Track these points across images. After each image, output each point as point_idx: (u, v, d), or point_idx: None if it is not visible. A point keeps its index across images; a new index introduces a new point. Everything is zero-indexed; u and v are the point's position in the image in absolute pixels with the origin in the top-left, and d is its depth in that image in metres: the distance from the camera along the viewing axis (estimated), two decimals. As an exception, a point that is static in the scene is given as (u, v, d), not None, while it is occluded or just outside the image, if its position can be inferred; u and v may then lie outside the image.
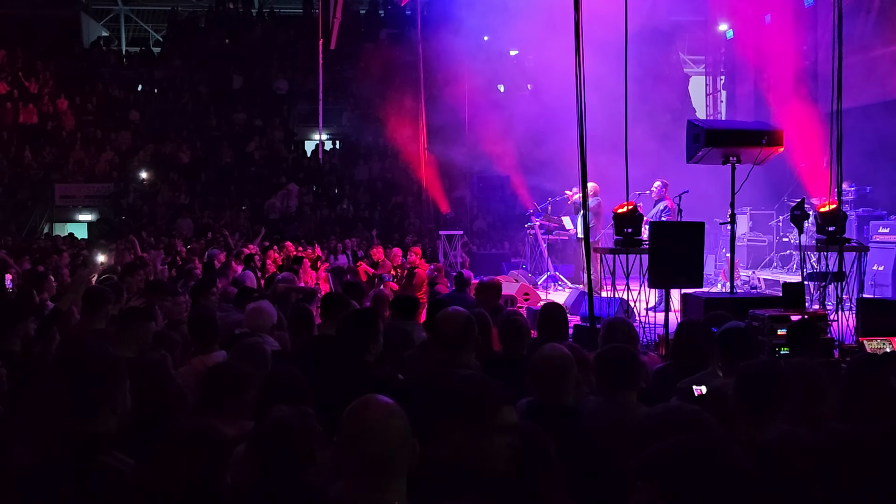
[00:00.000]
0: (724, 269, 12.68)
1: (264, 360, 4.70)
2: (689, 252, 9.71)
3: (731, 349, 4.82)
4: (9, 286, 10.04)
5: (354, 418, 2.62)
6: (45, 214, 26.18)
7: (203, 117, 29.85)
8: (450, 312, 4.49)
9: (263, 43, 33.04)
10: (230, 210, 25.14)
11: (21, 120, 28.88)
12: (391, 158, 27.07)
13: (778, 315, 8.18)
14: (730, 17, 24.19)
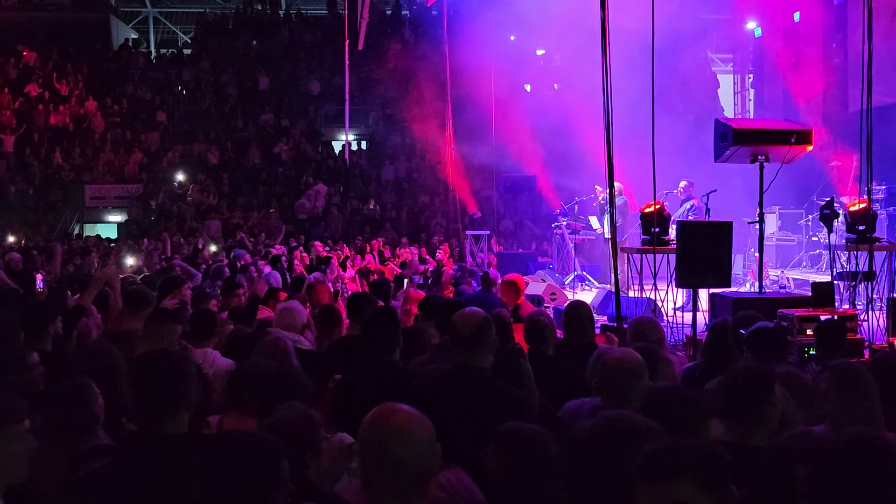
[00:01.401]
0: (752, 268, 12.57)
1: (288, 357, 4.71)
2: (716, 251, 9.66)
3: (759, 350, 4.79)
4: (40, 286, 10.12)
5: (376, 426, 2.64)
6: (76, 215, 26.37)
7: (231, 118, 29.99)
8: (466, 313, 4.44)
9: (290, 44, 33.17)
10: (258, 211, 25.23)
11: (52, 122, 29.14)
12: (418, 158, 27.10)
13: (807, 315, 8.12)
14: (758, 15, 24.01)
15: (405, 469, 2.57)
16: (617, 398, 3.96)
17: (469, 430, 3.25)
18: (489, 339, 4.32)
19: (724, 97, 27.55)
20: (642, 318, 6.82)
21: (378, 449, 2.59)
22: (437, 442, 2.68)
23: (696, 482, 2.07)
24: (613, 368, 4.02)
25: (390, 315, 5.55)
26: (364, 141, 29.91)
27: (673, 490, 2.06)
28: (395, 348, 5.17)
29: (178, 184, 27.01)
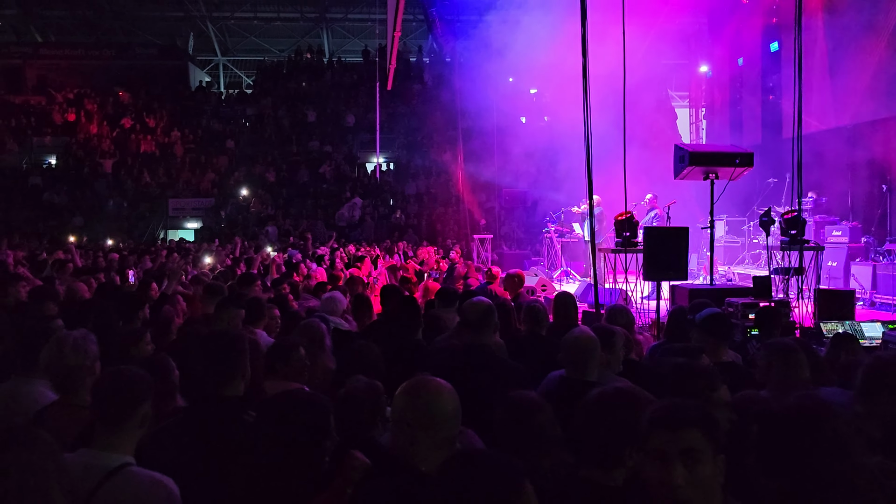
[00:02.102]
0: (705, 265, 12.52)
1: (321, 336, 4.70)
2: (676, 251, 9.63)
3: (709, 331, 4.77)
4: (131, 280, 10.14)
5: (419, 394, 2.65)
6: (161, 223, 26.48)
7: (285, 145, 30.06)
8: (474, 301, 4.45)
9: (333, 85, 33.23)
10: (307, 219, 25.29)
11: (142, 149, 29.29)
12: (434, 177, 27.09)
13: (749, 303, 8.11)
14: (709, 60, 23.99)
15: (442, 428, 2.58)
16: (574, 368, 3.97)
17: (476, 395, 3.23)
18: (492, 322, 4.32)
19: (682, 127, 27.47)
20: (615, 305, 6.80)
21: (422, 412, 2.59)
22: (459, 404, 2.68)
23: (703, 433, 2.08)
24: (572, 344, 4.01)
25: (413, 303, 5.57)
26: (391, 163, 29.93)
27: (686, 437, 2.06)
28: (418, 329, 5.21)
29: (242, 197, 27.09)
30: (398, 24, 16.43)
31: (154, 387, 2.91)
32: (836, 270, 13.68)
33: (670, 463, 2.03)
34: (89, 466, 2.64)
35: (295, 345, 4.09)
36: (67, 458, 2.74)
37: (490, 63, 20.28)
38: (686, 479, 2.02)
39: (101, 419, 2.75)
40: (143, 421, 2.79)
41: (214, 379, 3.17)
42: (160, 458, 2.87)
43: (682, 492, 2.01)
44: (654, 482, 2.06)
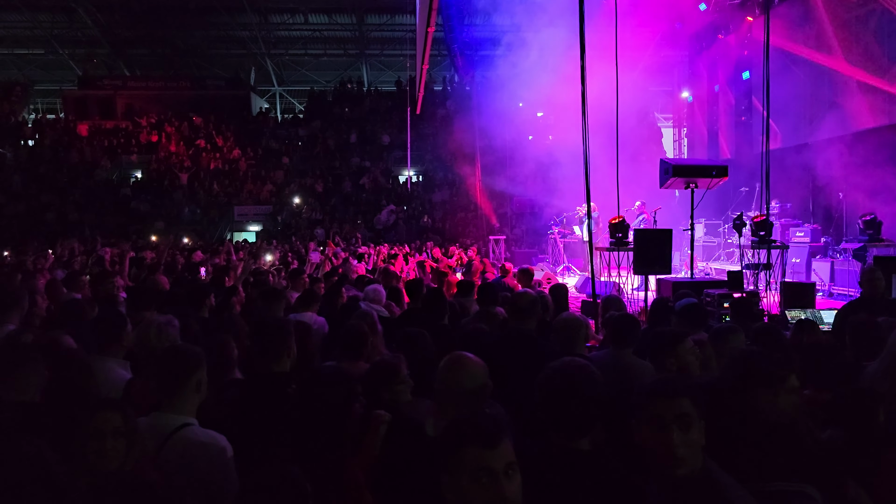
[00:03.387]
0: (686, 261, 12.41)
1: (374, 321, 4.70)
2: (661, 249, 9.57)
3: (686, 318, 4.73)
4: (202, 275, 10.22)
5: (450, 366, 2.68)
6: (227, 227, 26.69)
7: (331, 161, 30.16)
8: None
9: (371, 110, 33.28)
10: (349, 223, 25.36)
11: (212, 165, 29.52)
12: (456, 187, 27.07)
13: (724, 294, 8.01)
14: (690, 86, 23.78)
15: (471, 396, 2.60)
16: (563, 345, 3.97)
17: (518, 372, 3.23)
18: (536, 311, 4.33)
19: (667, 144, 27.28)
20: (610, 295, 6.75)
21: (454, 382, 2.61)
22: (489, 379, 2.71)
23: (692, 401, 2.08)
24: (563, 325, 4.01)
25: (440, 293, 5.56)
26: (420, 175, 29.95)
27: (680, 405, 2.05)
28: (444, 315, 5.20)
29: (295, 205, 27.23)
30: (426, 59, 16.41)
31: (214, 360, 2.94)
32: (799, 266, 13.53)
33: (669, 427, 2.03)
34: (157, 426, 2.70)
35: (366, 332, 4.08)
36: (141, 420, 2.79)
37: (503, 91, 20.28)
38: (681, 441, 2.02)
39: (161, 387, 2.78)
40: (198, 387, 2.81)
41: (265, 357, 3.18)
42: (219, 420, 2.91)
43: (679, 451, 2.02)
44: (654, 444, 2.06)
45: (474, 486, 1.79)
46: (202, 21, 32.72)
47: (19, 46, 34.62)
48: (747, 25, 19.21)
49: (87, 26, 32.82)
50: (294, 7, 32.01)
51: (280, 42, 35.47)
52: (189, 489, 2.57)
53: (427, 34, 14.25)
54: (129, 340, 3.85)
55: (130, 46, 35.08)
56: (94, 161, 29.49)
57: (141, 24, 32.45)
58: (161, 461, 2.62)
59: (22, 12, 31.09)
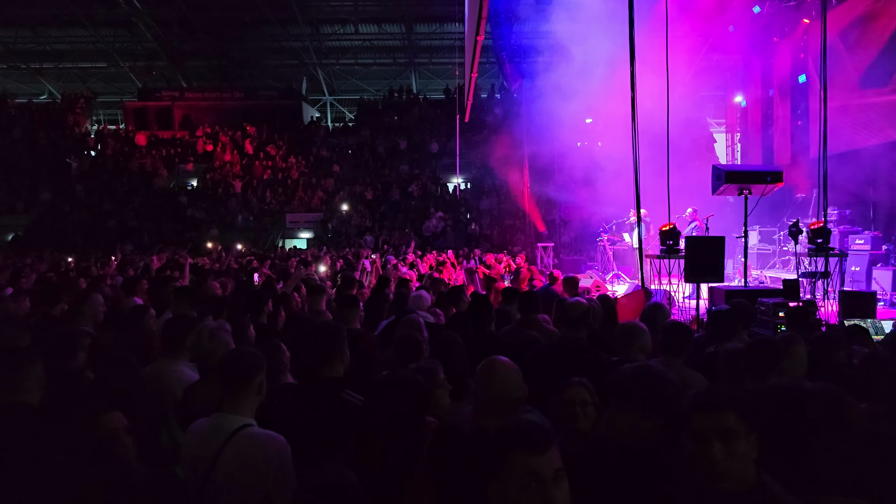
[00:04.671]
0: (739, 269, 12.14)
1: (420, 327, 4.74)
2: (713, 257, 9.39)
3: (719, 325, 4.67)
4: (256, 280, 10.42)
5: (490, 370, 2.74)
6: (280, 234, 27.15)
7: (381, 169, 30.45)
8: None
9: (420, 118, 33.51)
10: (398, 230, 25.55)
11: (265, 174, 30.09)
12: (504, 194, 27.02)
13: (779, 303, 7.82)
14: (743, 90, 23.32)
15: (506, 397, 2.64)
16: (624, 351, 3.94)
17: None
18: (588, 321, 4.34)
19: (719, 150, 26.78)
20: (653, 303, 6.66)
21: (491, 384, 2.67)
22: (524, 383, 2.75)
23: (738, 414, 2.04)
24: (623, 332, 3.98)
25: (486, 300, 5.58)
26: (468, 182, 30.01)
27: (723, 418, 2.02)
28: (490, 322, 5.22)
29: (345, 212, 27.56)
30: (474, 67, 16.48)
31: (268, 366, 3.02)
32: (858, 275, 13.10)
33: (710, 441, 2.01)
34: (219, 426, 2.80)
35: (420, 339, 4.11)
36: (202, 421, 2.89)
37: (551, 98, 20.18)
38: (723, 455, 1.99)
39: (224, 388, 2.87)
40: (258, 389, 2.90)
41: (318, 362, 3.24)
42: (276, 421, 2.98)
43: (721, 465, 1.99)
44: (697, 457, 2.04)
45: (523, 492, 1.80)
46: (256, 33, 33.48)
47: (83, 60, 36.01)
48: (803, 27, 18.76)
49: (147, 40, 33.94)
50: (345, 18, 32.51)
51: (331, 52, 36.04)
52: (249, 487, 2.66)
53: (476, 42, 14.31)
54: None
55: (187, 59, 36.13)
56: (152, 170, 30.39)
57: (198, 37, 33.40)
58: (223, 460, 2.71)
59: (86, 27, 32.34)
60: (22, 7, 30.10)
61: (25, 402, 2.97)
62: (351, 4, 31.34)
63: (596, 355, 4.21)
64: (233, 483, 2.68)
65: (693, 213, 14.35)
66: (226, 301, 5.98)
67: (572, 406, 2.93)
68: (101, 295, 5.60)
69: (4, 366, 3.00)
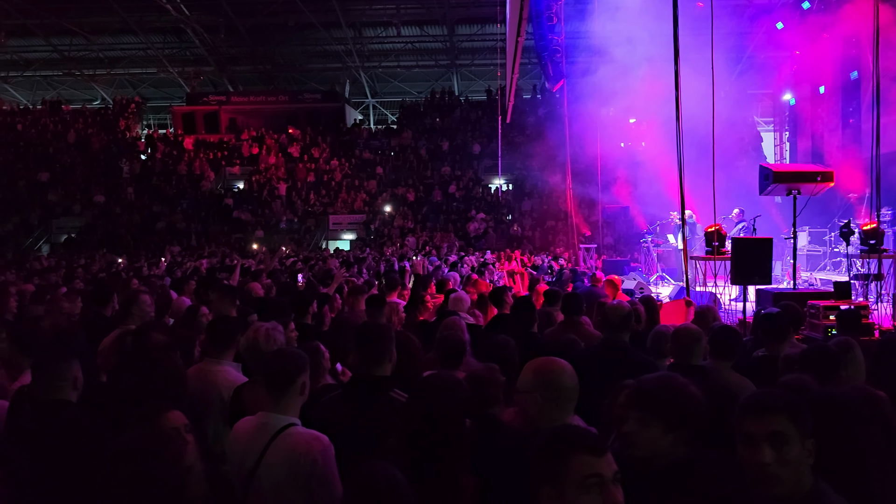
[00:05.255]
0: (788, 271, 11.85)
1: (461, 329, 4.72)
2: (761, 259, 9.18)
3: (769, 329, 4.54)
4: (300, 281, 10.55)
5: (546, 370, 2.72)
6: (323, 235, 27.45)
7: (423, 170, 30.58)
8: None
9: (461, 120, 33.56)
10: (440, 232, 25.62)
11: (309, 176, 30.48)
12: (546, 195, 26.88)
13: (830, 305, 7.62)
14: (792, 88, 22.76)
15: (568, 396, 2.65)
16: (682, 355, 3.85)
17: (612, 384, 3.22)
18: (630, 324, 4.29)
19: (767, 149, 26.21)
20: (701, 306, 6.56)
21: (549, 384, 2.65)
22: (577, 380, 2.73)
23: (790, 418, 1.99)
24: (681, 335, 3.90)
25: (529, 301, 5.56)
26: (510, 183, 29.92)
27: (773, 422, 1.98)
28: (532, 323, 5.20)
29: (388, 214, 27.74)
30: (516, 68, 16.44)
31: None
32: (914, 276, 12.65)
33: (759, 444, 1.97)
34: (264, 425, 2.84)
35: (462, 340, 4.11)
36: (248, 420, 2.92)
37: (594, 98, 20.02)
38: (773, 459, 1.94)
39: (269, 388, 2.91)
40: (302, 389, 2.93)
41: (367, 361, 3.25)
42: (322, 421, 3.01)
43: (770, 469, 1.94)
44: (746, 462, 2.00)
45: (584, 494, 1.77)
46: (300, 37, 33.94)
47: (134, 66, 37.00)
48: (855, 22, 18.22)
49: (195, 46, 34.70)
50: (387, 20, 32.74)
51: (373, 55, 36.33)
52: (292, 486, 2.70)
53: (517, 43, 14.27)
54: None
55: (234, 63, 36.83)
56: (200, 173, 31.04)
57: (244, 43, 34.01)
58: (267, 459, 2.75)
59: (137, 35, 33.22)
60: (76, 15, 31.06)
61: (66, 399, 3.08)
62: (393, 7, 31.54)
63: (639, 359, 4.15)
64: (277, 482, 2.72)
65: (739, 213, 14.08)
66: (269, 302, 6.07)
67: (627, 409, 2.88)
68: (148, 295, 5.73)
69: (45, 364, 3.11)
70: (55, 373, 3.09)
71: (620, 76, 18.60)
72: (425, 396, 2.63)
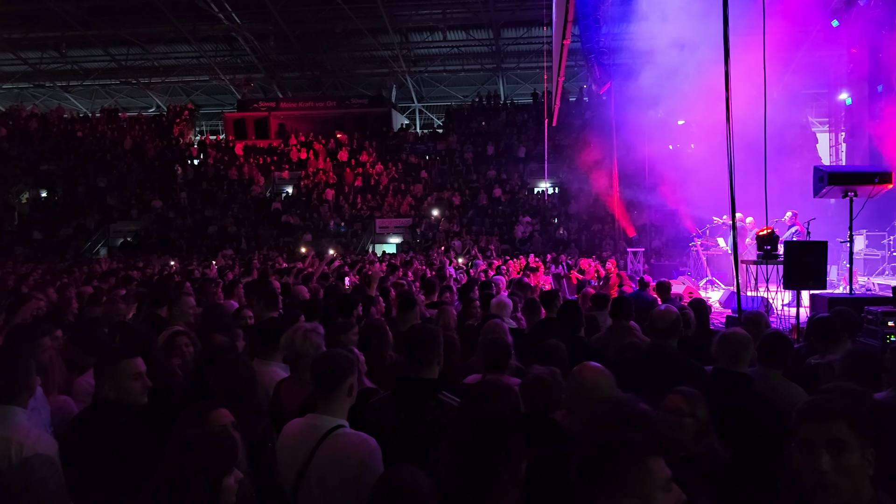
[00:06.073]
0: (845, 276, 11.49)
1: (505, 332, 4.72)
2: (815, 263, 8.95)
3: (824, 336, 4.42)
4: (347, 285, 10.66)
5: (578, 375, 2.73)
6: (370, 239, 27.67)
7: (468, 174, 30.60)
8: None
9: (507, 123, 33.48)
10: (486, 235, 25.59)
11: (356, 181, 30.79)
12: (593, 198, 26.62)
13: (888, 311, 7.35)
14: (848, 88, 22.09)
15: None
16: (728, 361, 3.76)
17: (661, 390, 3.18)
18: (678, 330, 4.24)
19: (822, 150, 25.50)
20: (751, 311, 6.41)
21: (582, 389, 2.68)
22: (616, 386, 2.74)
23: (849, 425, 1.94)
24: (729, 340, 3.81)
25: (576, 306, 5.53)
26: (556, 187, 29.71)
27: (831, 428, 1.93)
28: (580, 328, 5.17)
29: (434, 218, 27.82)
30: (561, 70, 16.32)
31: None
32: (979, 282, 12.17)
33: (816, 451, 1.92)
34: (313, 427, 2.88)
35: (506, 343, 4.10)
36: (297, 421, 2.97)
37: (641, 99, 19.78)
38: (831, 466, 1.89)
39: (317, 390, 2.96)
40: (350, 391, 2.97)
41: (416, 364, 3.27)
42: (371, 423, 3.05)
43: (828, 477, 1.89)
44: (803, 469, 1.96)
45: (665, 495, 1.75)
46: (348, 43, 34.35)
47: (188, 74, 38.04)
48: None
49: (246, 53, 35.45)
50: (433, 25, 32.89)
51: (420, 60, 36.55)
52: (340, 487, 2.73)
53: (563, 46, 14.18)
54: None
55: (283, 70, 37.48)
56: (250, 178, 31.65)
57: (293, 49, 34.60)
58: (316, 460, 2.79)
59: (191, 43, 34.12)
60: (133, 26, 32.06)
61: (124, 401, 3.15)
62: (439, 12, 31.68)
63: (687, 364, 4.09)
64: (325, 483, 2.76)
65: (793, 216, 13.74)
66: (316, 304, 6.17)
67: (677, 415, 2.85)
68: (192, 297, 5.89)
69: (108, 363, 3.19)
70: (118, 372, 3.16)
71: (668, 77, 18.34)
72: (476, 403, 2.64)
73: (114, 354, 3.26)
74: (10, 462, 2.69)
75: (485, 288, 8.12)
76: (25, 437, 2.80)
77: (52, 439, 2.93)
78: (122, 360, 3.18)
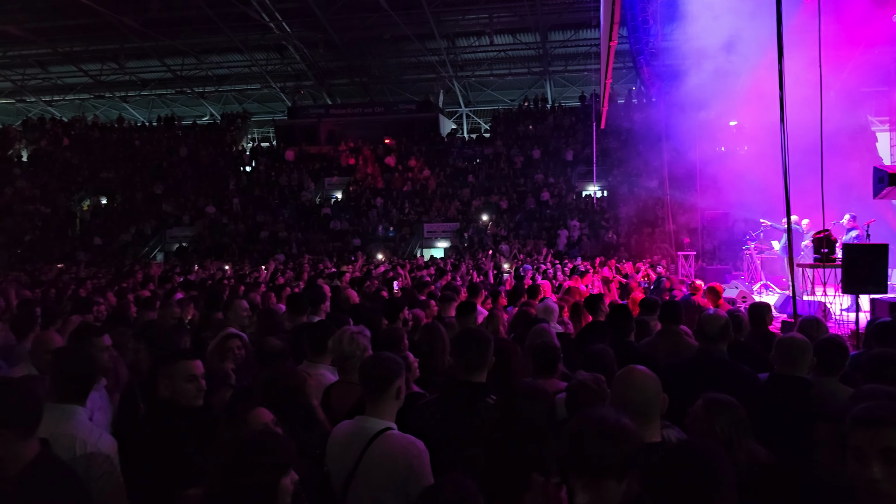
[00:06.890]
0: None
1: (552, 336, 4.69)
2: (876, 266, 8.65)
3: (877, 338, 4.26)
4: (396, 288, 10.76)
5: (628, 379, 2.70)
6: (418, 243, 27.80)
7: (515, 178, 30.51)
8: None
9: (554, 126, 33.29)
10: (534, 239, 25.48)
11: (404, 185, 31.00)
12: (643, 201, 26.23)
13: (955, 316, 7.07)
14: (910, 85, 21.34)
15: (643, 405, 2.62)
16: (785, 365, 3.68)
17: None
18: (728, 335, 4.17)
19: (882, 149, 24.64)
20: (807, 317, 6.23)
21: (627, 393, 2.64)
22: (663, 393, 2.68)
23: None
24: (787, 345, 3.73)
25: (626, 310, 5.47)
26: (605, 190, 29.40)
27: (886, 436, 1.88)
28: (629, 332, 5.12)
29: (481, 222, 27.81)
30: (609, 72, 16.17)
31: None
32: None
33: (869, 459, 1.87)
34: (361, 429, 2.91)
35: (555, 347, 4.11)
36: (346, 423, 3.01)
37: (691, 100, 19.43)
38: (884, 476, 1.84)
39: (365, 393, 2.99)
40: (398, 394, 2.99)
41: (465, 368, 3.29)
42: (418, 426, 3.07)
43: (881, 486, 1.84)
44: (855, 476, 1.91)
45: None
46: (395, 49, 34.68)
47: (240, 83, 38.94)
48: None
49: (296, 61, 36.11)
50: (480, 30, 32.95)
51: (467, 64, 36.64)
52: (389, 489, 2.77)
53: (609, 48, 14.04)
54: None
55: (332, 77, 38.05)
56: (300, 184, 32.17)
57: (341, 57, 35.10)
58: (365, 462, 2.83)
59: (243, 52, 34.93)
60: (187, 37, 32.98)
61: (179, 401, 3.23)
62: (486, 17, 31.72)
63: (736, 370, 4.00)
64: (374, 485, 2.79)
65: (852, 219, 13.30)
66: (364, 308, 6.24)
67: (694, 423, 2.81)
68: (245, 301, 6.02)
69: (163, 365, 3.29)
70: (175, 373, 3.24)
71: (719, 78, 17.97)
72: (508, 405, 2.65)
73: (172, 355, 3.35)
74: (74, 457, 2.80)
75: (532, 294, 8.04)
76: (88, 434, 2.92)
77: (112, 438, 3.03)
78: (179, 361, 3.27)
